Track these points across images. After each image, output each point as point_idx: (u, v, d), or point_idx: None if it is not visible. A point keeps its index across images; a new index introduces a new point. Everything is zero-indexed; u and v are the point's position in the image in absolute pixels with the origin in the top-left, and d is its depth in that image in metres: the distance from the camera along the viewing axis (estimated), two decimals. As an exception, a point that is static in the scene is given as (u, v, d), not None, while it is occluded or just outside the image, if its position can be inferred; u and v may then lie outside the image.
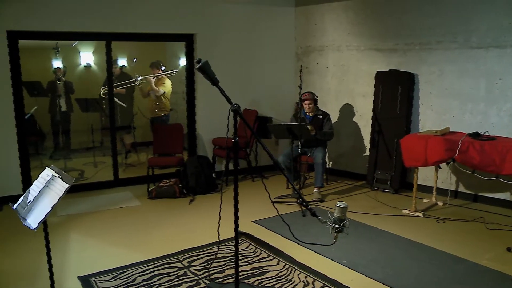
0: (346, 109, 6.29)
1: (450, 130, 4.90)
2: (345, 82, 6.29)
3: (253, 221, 4.50)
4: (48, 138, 7.75)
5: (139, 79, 6.82)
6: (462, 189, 5.18)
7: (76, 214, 4.80)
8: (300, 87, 5.10)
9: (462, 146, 4.26)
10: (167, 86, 6.74)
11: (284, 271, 3.39)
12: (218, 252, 3.69)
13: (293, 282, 3.21)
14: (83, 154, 7.69)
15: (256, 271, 3.40)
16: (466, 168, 4.61)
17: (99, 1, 5.34)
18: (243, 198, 4.85)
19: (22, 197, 2.66)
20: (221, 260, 3.58)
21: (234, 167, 2.84)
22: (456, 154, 4.29)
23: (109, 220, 4.64)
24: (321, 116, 5.44)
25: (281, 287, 3.14)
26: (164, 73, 6.78)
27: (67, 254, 3.76)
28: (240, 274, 3.20)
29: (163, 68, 6.83)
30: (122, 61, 8.33)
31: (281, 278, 3.27)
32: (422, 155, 4.53)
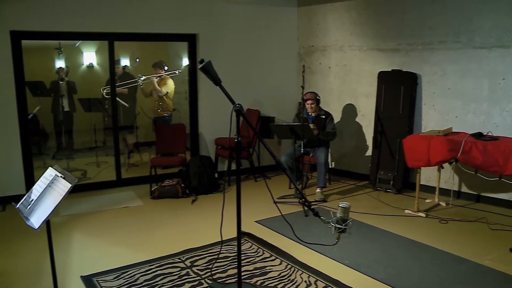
0: (349, 109, 6.29)
1: (453, 130, 4.89)
2: (348, 82, 6.28)
3: (256, 221, 4.50)
4: (51, 138, 7.77)
5: (142, 79, 6.82)
6: (465, 189, 5.16)
7: (79, 214, 4.81)
8: (303, 87, 5.09)
9: (465, 146, 4.25)
10: (170, 86, 6.74)
11: (287, 271, 3.39)
12: (221, 252, 3.69)
13: (296, 282, 3.21)
14: (86, 154, 7.70)
15: (259, 271, 3.40)
16: (469, 168, 4.59)
17: (102, 1, 5.35)
18: (246, 198, 4.85)
19: (25, 197, 2.67)
20: (224, 260, 3.59)
21: (237, 167, 2.82)
22: (459, 154, 4.27)
23: (112, 220, 4.64)
24: (324, 116, 5.43)
25: (284, 287, 3.15)
26: (167, 73, 6.79)
27: (70, 254, 3.77)
28: (243, 274, 3.20)
29: (166, 68, 6.83)
30: (125, 61, 8.33)
31: (284, 278, 3.27)
32: (425, 155, 4.52)
